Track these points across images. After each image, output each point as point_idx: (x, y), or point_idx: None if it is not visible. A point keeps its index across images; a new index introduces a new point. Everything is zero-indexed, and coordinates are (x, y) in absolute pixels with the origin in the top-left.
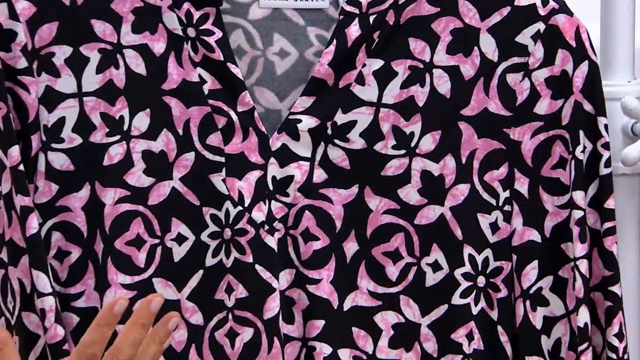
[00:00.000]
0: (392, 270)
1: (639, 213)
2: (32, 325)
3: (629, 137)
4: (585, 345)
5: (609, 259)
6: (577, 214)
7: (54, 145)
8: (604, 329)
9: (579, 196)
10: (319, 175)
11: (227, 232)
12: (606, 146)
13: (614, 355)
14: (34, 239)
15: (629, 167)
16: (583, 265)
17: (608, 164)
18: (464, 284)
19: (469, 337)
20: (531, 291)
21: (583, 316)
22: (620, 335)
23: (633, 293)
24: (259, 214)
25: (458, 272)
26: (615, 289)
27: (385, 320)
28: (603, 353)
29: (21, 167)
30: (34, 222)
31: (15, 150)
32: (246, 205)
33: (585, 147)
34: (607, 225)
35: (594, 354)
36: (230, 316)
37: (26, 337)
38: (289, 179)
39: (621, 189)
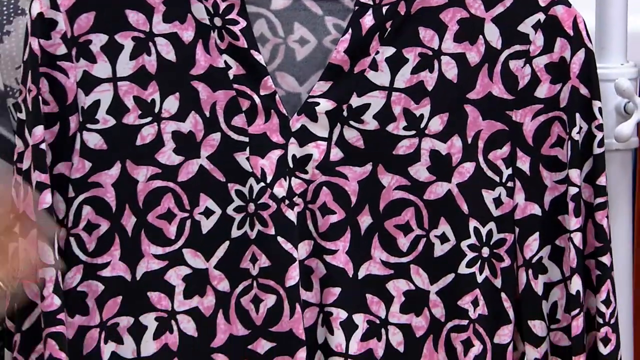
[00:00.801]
0: (403, 242)
1: (631, 184)
2: (32, 294)
3: (622, 116)
4: (577, 310)
5: (599, 232)
6: (573, 190)
7: (89, 126)
8: (595, 294)
9: (574, 174)
10: (336, 154)
11: (251, 207)
12: (600, 127)
13: (601, 320)
14: (45, 214)
15: (622, 143)
16: (577, 238)
17: (601, 144)
18: (470, 255)
19: (474, 303)
20: (533, 260)
21: (576, 284)
22: (607, 302)
23: (624, 258)
24: (280, 190)
25: (464, 244)
26: (604, 259)
27: (397, 287)
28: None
29: (42, 146)
30: (47, 197)
31: (39, 130)
32: (268, 181)
33: (581, 128)
34: (599, 200)
35: (587, 316)
36: (255, 284)
37: (24, 304)
38: (308, 157)
39: (615, 163)
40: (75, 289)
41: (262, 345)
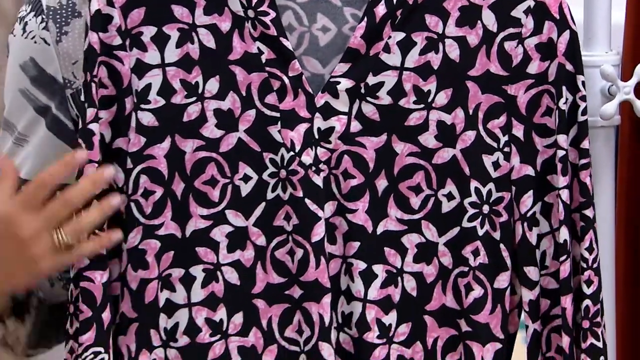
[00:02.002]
0: (415, 201)
1: (614, 156)
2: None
3: (606, 97)
4: (564, 257)
5: (583, 188)
6: (560, 153)
7: (142, 106)
8: (579, 243)
9: (561, 139)
10: (355, 126)
11: (283, 173)
12: (583, 98)
13: (584, 265)
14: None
15: (606, 120)
16: (564, 194)
17: (584, 112)
18: (471, 211)
19: (475, 253)
20: (527, 215)
21: (563, 234)
22: (590, 249)
23: (607, 221)
24: (307, 158)
25: (467, 201)
26: (587, 212)
27: (410, 240)
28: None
29: (90, 126)
30: (90, 171)
31: (89, 113)
32: (297, 150)
33: (567, 99)
34: (583, 161)
35: (574, 262)
36: (290, 238)
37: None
38: (331, 129)
39: (600, 139)
40: (137, 247)
41: (297, 291)
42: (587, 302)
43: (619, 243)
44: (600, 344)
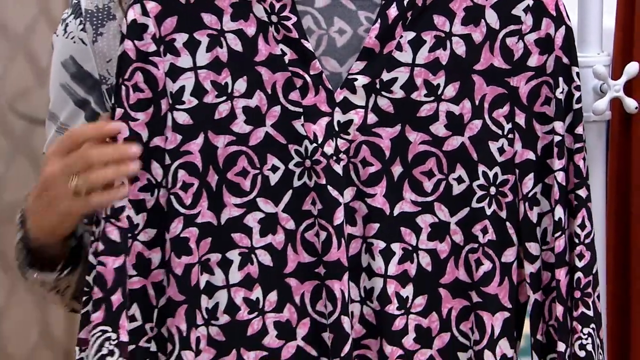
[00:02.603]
0: (428, 185)
1: (605, 148)
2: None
3: (598, 94)
4: (559, 233)
5: (577, 170)
6: (557, 138)
7: (177, 107)
8: (573, 221)
9: (558, 125)
10: (371, 118)
11: (307, 162)
12: (578, 88)
13: (577, 240)
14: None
15: (598, 116)
16: (560, 176)
17: (579, 101)
18: (480, 192)
19: (484, 230)
20: (529, 195)
21: (558, 213)
22: (582, 226)
23: (599, 220)
24: (329, 149)
25: (475, 184)
26: (580, 192)
27: (424, 221)
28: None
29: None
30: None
31: (117, 113)
32: (319, 142)
33: (563, 89)
34: (577, 145)
35: (570, 238)
36: (316, 222)
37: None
38: (350, 122)
39: (592, 133)
40: (179, 236)
41: (322, 270)
42: (579, 274)
43: (609, 232)
44: (590, 313)
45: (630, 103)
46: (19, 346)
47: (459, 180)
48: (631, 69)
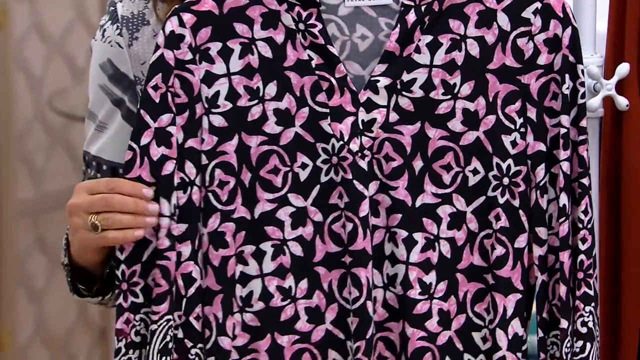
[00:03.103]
0: (447, 177)
1: (598, 143)
2: (148, 234)
3: (592, 93)
4: (563, 218)
5: (581, 161)
6: (563, 131)
7: (213, 110)
8: (577, 207)
9: (564, 119)
10: (393, 117)
11: (334, 159)
12: (582, 84)
13: (580, 225)
14: (166, 177)
15: (592, 113)
16: (565, 165)
17: (583, 96)
18: (494, 182)
19: (497, 218)
20: (540, 184)
21: (562, 199)
22: (585, 212)
23: (593, 204)
24: (354, 146)
25: (490, 175)
26: (584, 180)
27: (444, 211)
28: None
29: (168, 129)
30: (169, 167)
31: (165, 117)
32: (345, 140)
33: (569, 85)
34: (581, 137)
35: (573, 223)
36: (343, 214)
37: (143, 241)
38: (373, 120)
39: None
40: (217, 230)
41: (348, 259)
42: (582, 256)
43: (602, 218)
44: (592, 292)
45: (621, 101)
46: (58, 326)
47: (475, 172)
48: (622, 69)
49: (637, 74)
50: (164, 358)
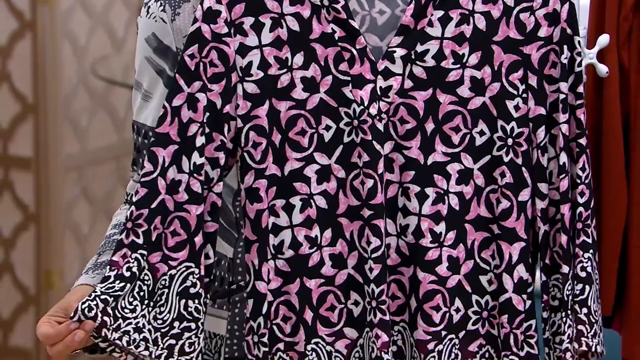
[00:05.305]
0: (455, 138)
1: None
2: (160, 187)
3: None
4: (563, 175)
5: (578, 123)
6: (562, 96)
7: (247, 79)
8: (575, 165)
9: (563, 85)
10: (408, 84)
11: (355, 122)
12: (579, 54)
13: (578, 181)
14: (190, 138)
15: None
16: (564, 127)
17: (580, 64)
18: (499, 143)
19: (502, 175)
20: (541, 144)
21: (562, 158)
22: (583, 168)
23: None
24: (373, 110)
25: (495, 136)
26: (581, 140)
27: (453, 168)
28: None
29: (197, 95)
30: (193, 129)
31: (197, 84)
32: (365, 105)
33: (567, 55)
34: (578, 102)
35: (572, 179)
36: (361, 172)
37: (155, 191)
38: (390, 87)
39: None
40: (252, 187)
41: (366, 212)
42: (580, 209)
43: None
44: (590, 240)
45: (602, 68)
46: None
47: (481, 133)
48: (603, 40)
49: (616, 44)
50: (182, 301)
